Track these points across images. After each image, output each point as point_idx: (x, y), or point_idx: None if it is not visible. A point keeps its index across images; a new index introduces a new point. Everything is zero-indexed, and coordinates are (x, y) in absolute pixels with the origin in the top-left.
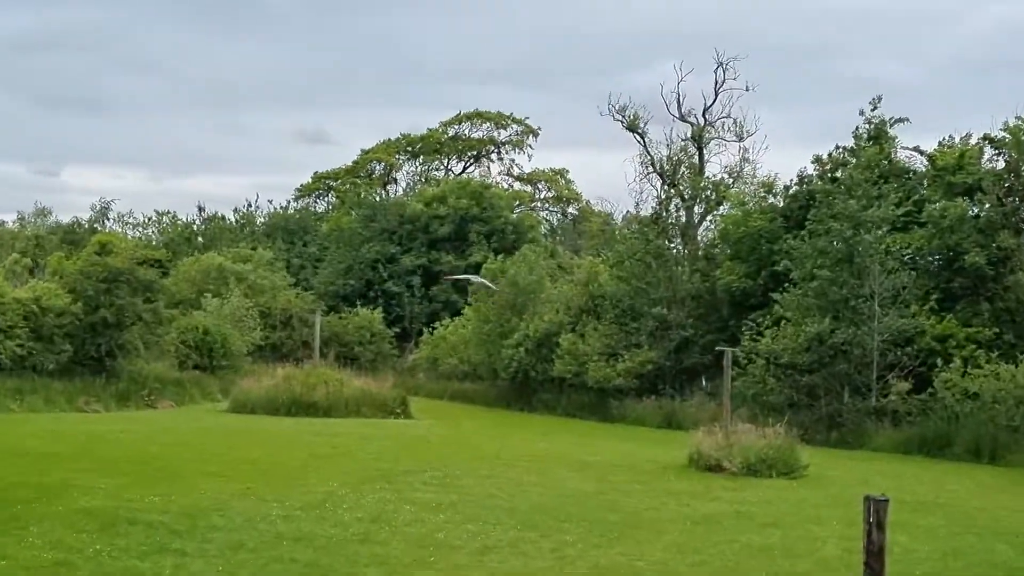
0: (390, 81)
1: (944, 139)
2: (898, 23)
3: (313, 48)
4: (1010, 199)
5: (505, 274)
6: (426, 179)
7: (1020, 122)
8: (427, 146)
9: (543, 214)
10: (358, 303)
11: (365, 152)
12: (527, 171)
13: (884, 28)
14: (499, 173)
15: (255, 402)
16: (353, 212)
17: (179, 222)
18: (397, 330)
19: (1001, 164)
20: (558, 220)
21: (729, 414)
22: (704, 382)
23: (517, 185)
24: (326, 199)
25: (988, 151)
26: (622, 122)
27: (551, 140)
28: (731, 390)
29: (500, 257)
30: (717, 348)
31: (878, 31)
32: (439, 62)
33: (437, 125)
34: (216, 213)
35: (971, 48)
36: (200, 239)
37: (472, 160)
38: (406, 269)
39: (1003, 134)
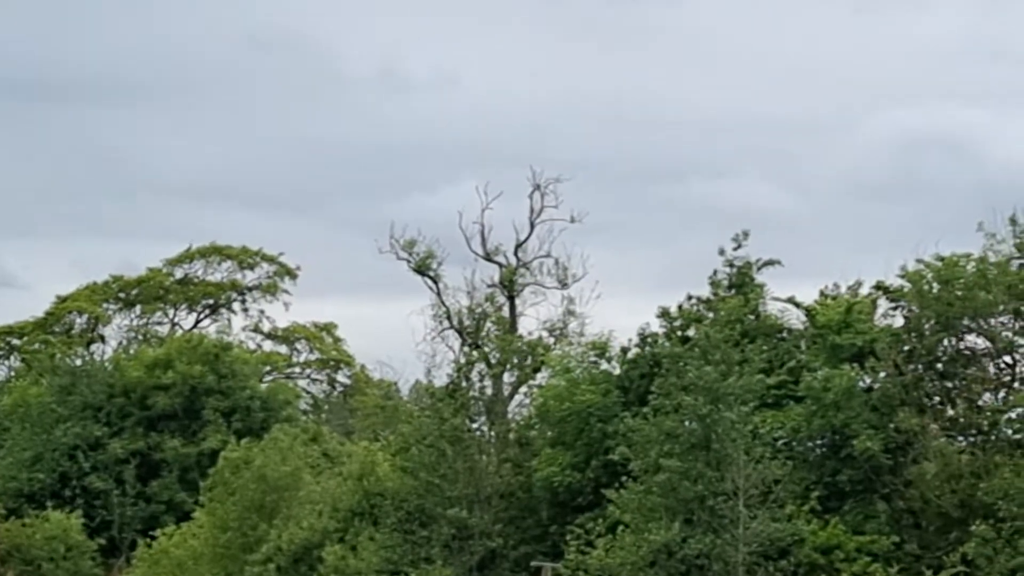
0: (92, 202)
1: (827, 288)
2: (768, 133)
3: None
4: (911, 367)
5: (251, 465)
6: (145, 336)
7: (922, 266)
8: (146, 292)
9: (303, 384)
10: (49, 504)
11: (61, 300)
12: (282, 326)
13: (751, 140)
14: (244, 329)
15: None
16: (44, 381)
17: None
18: (102, 541)
19: (899, 321)
20: (323, 392)
21: None
22: None
23: (268, 345)
24: (7, 363)
25: (883, 304)
26: (408, 262)
27: (314, 285)
28: None
29: (244, 441)
30: (534, 564)
31: (744, 144)
32: (161, 177)
33: (160, 264)
34: None
35: (860, 167)
36: None
37: (208, 311)
38: (116, 458)
39: (901, 282)
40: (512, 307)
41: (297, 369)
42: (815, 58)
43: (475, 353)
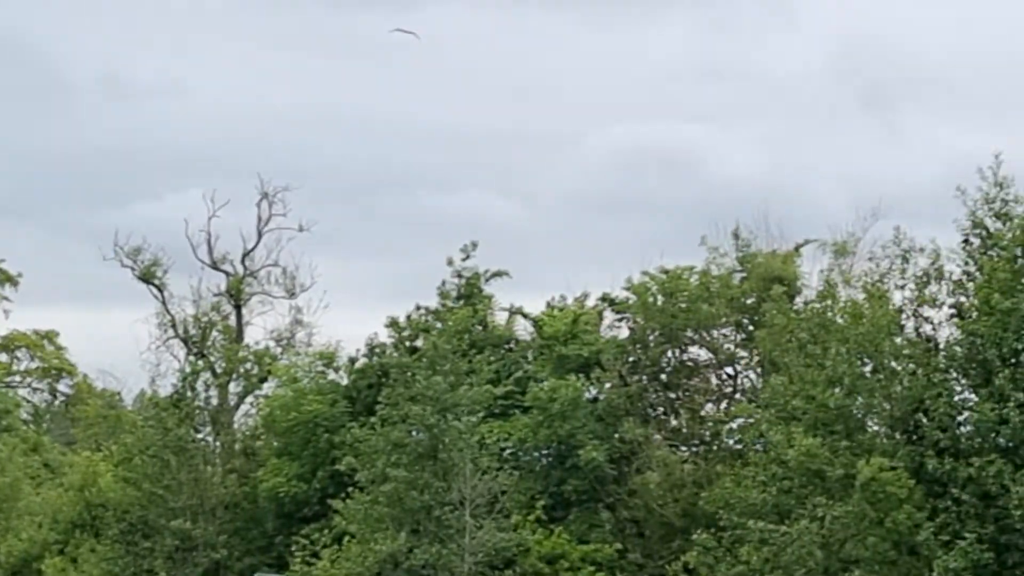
0: None
1: (554, 299)
2: (496, 147)
3: None
4: (636, 378)
5: None
6: None
7: (647, 278)
8: None
9: (23, 393)
10: None
11: None
12: (1, 334)
13: (479, 153)
14: None
15: None
16: None
17: None
18: None
19: (624, 332)
20: (45, 401)
21: None
22: None
23: None
24: None
25: (608, 316)
26: (133, 269)
27: (36, 292)
28: None
29: None
30: (258, 575)
31: (472, 157)
32: None
33: None
34: None
35: (586, 181)
36: None
37: None
38: None
39: (626, 294)
40: (239, 316)
41: (17, 378)
42: (541, 74)
43: (200, 362)
